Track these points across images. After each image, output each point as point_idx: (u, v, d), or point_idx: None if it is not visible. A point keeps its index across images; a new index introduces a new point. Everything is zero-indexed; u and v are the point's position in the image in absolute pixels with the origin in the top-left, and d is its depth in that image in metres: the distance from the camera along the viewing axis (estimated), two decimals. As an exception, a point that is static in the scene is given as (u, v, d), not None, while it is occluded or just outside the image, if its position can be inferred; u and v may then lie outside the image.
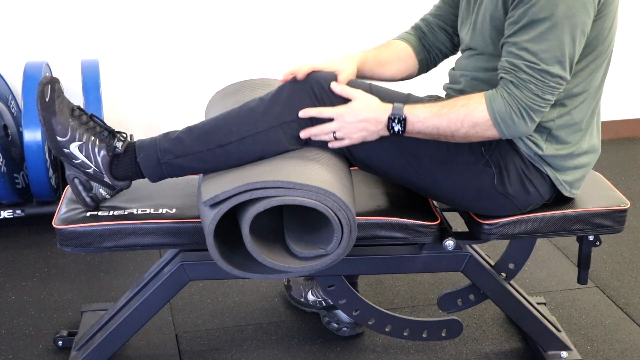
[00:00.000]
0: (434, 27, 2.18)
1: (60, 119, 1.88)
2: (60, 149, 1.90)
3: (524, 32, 1.79)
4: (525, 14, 1.78)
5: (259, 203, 1.74)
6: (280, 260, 1.81)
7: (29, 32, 3.18)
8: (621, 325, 2.47)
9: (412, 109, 1.87)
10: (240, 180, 1.77)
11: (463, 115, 1.84)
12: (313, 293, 2.45)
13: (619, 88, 3.83)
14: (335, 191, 1.76)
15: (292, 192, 1.75)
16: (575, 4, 1.76)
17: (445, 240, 2.04)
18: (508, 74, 1.81)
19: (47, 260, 2.80)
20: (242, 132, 1.87)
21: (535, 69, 1.78)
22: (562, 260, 2.83)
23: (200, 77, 3.41)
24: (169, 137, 1.93)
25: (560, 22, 1.76)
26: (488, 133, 1.85)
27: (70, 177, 1.94)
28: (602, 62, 1.92)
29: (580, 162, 1.99)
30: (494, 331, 2.42)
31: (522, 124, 1.83)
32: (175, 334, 2.39)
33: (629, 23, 3.70)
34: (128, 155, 1.93)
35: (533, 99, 1.80)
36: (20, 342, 2.35)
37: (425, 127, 1.86)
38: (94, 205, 1.98)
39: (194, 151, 1.89)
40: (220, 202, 1.76)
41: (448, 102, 1.87)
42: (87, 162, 1.91)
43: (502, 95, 1.82)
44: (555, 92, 1.82)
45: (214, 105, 2.26)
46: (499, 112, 1.82)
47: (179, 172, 1.93)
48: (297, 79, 1.91)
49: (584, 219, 2.06)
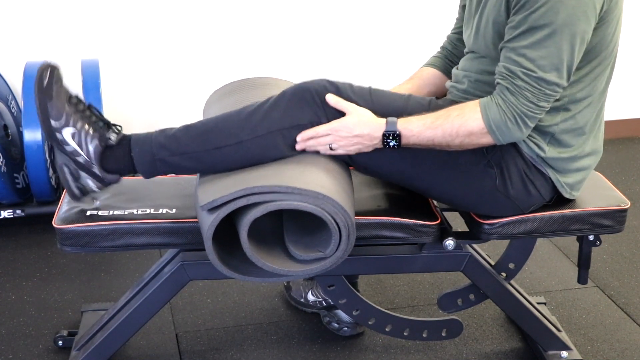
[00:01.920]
0: (455, 42, 2.20)
1: (56, 104, 1.85)
2: (52, 132, 1.87)
3: (523, 37, 1.78)
4: (526, 20, 1.77)
5: (256, 208, 1.74)
6: (280, 264, 1.80)
7: (29, 32, 3.18)
8: (621, 325, 2.47)
9: (406, 122, 1.86)
10: (238, 185, 1.76)
11: (458, 125, 1.84)
12: (313, 293, 2.45)
13: (619, 88, 3.83)
14: (333, 195, 1.76)
15: (290, 196, 1.75)
16: (576, 12, 1.75)
17: (445, 240, 2.04)
18: (504, 79, 1.81)
19: (47, 260, 2.80)
20: (241, 135, 1.86)
21: (532, 76, 1.78)
22: (562, 260, 2.83)
23: (200, 76, 3.41)
24: (165, 133, 1.91)
25: (560, 30, 1.75)
26: (483, 140, 1.85)
27: (58, 163, 1.91)
28: (606, 67, 1.92)
29: (582, 164, 1.99)
30: (494, 331, 2.42)
31: (517, 130, 1.83)
32: (175, 333, 2.39)
33: (629, 24, 3.69)
34: (121, 148, 1.90)
35: (528, 106, 1.80)
36: (21, 342, 2.35)
37: (420, 139, 1.86)
38: (81, 196, 1.94)
39: (190, 150, 1.88)
40: (217, 206, 1.75)
41: (442, 113, 1.86)
42: (78, 150, 1.88)
43: (497, 103, 1.82)
44: (551, 99, 1.82)
45: (212, 105, 2.26)
46: (493, 120, 1.82)
47: (173, 170, 1.92)
48: (298, 86, 1.90)
49: (584, 218, 2.06)
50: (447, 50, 2.22)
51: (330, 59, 3.50)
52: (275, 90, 2.17)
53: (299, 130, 1.87)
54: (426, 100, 1.98)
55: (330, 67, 3.51)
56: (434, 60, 2.23)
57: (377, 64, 3.53)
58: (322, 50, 3.50)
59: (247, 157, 1.87)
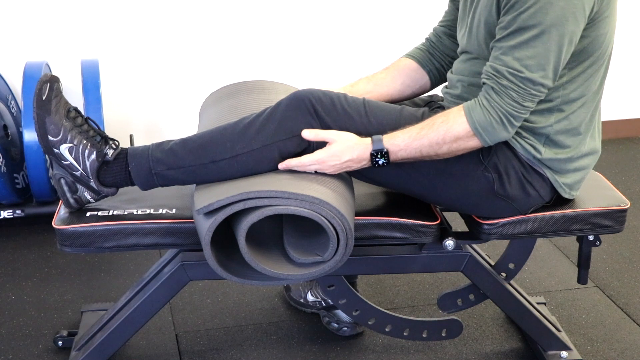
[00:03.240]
0: (441, 35, 2.19)
1: (54, 119, 1.87)
2: (50, 148, 1.89)
3: (511, 37, 1.78)
4: (515, 21, 1.77)
5: (253, 213, 1.74)
6: (278, 268, 1.80)
7: (29, 32, 3.18)
8: (621, 325, 2.47)
9: (392, 138, 1.86)
10: (234, 190, 1.77)
11: (443, 131, 1.84)
12: (312, 294, 2.45)
13: (619, 88, 3.83)
14: (330, 200, 1.76)
15: (286, 201, 1.75)
16: (565, 13, 1.75)
17: (445, 240, 2.04)
18: (490, 79, 1.82)
19: (47, 260, 2.80)
20: (237, 149, 1.87)
21: (518, 76, 1.78)
22: (562, 260, 2.83)
23: (200, 77, 3.41)
24: (162, 147, 1.91)
25: (549, 30, 1.75)
26: (470, 144, 1.85)
27: (56, 177, 1.93)
28: (600, 67, 1.92)
29: (580, 164, 1.99)
30: (494, 331, 2.42)
31: (502, 130, 1.83)
32: (175, 334, 2.39)
33: (627, 23, 3.70)
34: (118, 163, 1.92)
35: (513, 106, 1.80)
36: (20, 342, 2.35)
37: (408, 152, 1.86)
38: (78, 207, 1.97)
39: (186, 164, 1.89)
40: (214, 211, 1.75)
41: (427, 122, 1.87)
42: (76, 164, 1.90)
43: (482, 104, 1.82)
44: (536, 100, 1.82)
45: (207, 108, 2.26)
46: (478, 122, 1.82)
47: (169, 183, 1.93)
48: (292, 96, 1.89)
49: (584, 218, 2.06)
50: (431, 43, 2.21)
51: (327, 61, 3.50)
52: (272, 94, 2.18)
53: (295, 141, 1.87)
54: (419, 111, 1.97)
55: (327, 70, 3.51)
56: (415, 51, 2.22)
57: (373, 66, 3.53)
58: (320, 53, 3.50)
59: (242, 170, 1.88)
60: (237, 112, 2.09)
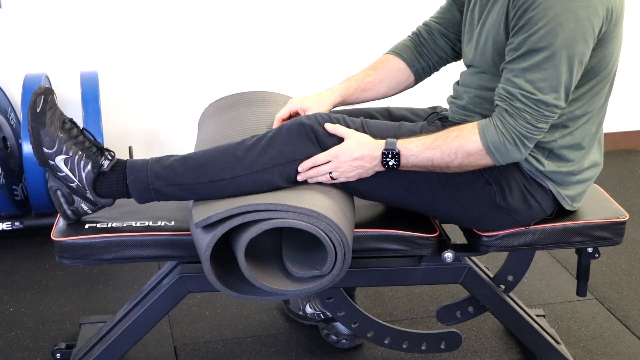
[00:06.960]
0: (435, 33, 2.16)
1: (49, 131, 1.87)
2: (45, 160, 1.89)
3: (522, 60, 1.79)
4: (525, 42, 1.77)
5: (252, 228, 1.74)
6: (277, 283, 1.80)
7: (29, 44, 3.19)
8: (620, 338, 2.46)
9: (405, 142, 1.87)
10: (232, 204, 1.77)
11: (457, 146, 1.84)
12: (311, 306, 2.45)
13: (618, 100, 3.83)
14: (328, 213, 1.76)
15: (285, 214, 1.75)
16: (575, 34, 1.75)
17: (444, 253, 2.04)
18: (503, 101, 1.82)
19: (45, 273, 2.80)
20: (237, 171, 1.87)
21: (531, 98, 1.78)
22: (561, 273, 2.83)
23: (199, 88, 3.41)
24: (161, 163, 1.91)
25: (559, 52, 1.75)
26: (482, 162, 1.86)
27: (52, 188, 1.93)
28: (605, 85, 1.92)
29: (582, 177, 1.99)
30: (493, 343, 2.42)
31: (515, 151, 1.83)
32: (173, 346, 2.39)
33: (628, 37, 3.70)
34: (114, 174, 1.92)
35: (527, 128, 1.80)
36: (18, 355, 2.34)
37: (419, 160, 1.87)
38: (75, 219, 1.97)
39: (185, 182, 1.89)
40: (213, 225, 1.75)
41: (441, 134, 1.87)
42: (71, 176, 1.90)
43: (496, 125, 1.82)
44: (549, 121, 1.82)
45: (206, 119, 2.26)
46: (492, 142, 1.82)
47: (167, 198, 1.93)
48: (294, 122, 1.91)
49: (583, 231, 2.06)
50: (421, 39, 2.17)
51: (326, 71, 3.51)
52: (271, 106, 2.18)
53: (295, 165, 1.89)
54: (417, 126, 1.98)
55: (325, 80, 3.52)
56: (403, 48, 2.18)
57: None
58: (319, 63, 3.50)
59: (241, 191, 1.88)
60: (237, 125, 2.09)
